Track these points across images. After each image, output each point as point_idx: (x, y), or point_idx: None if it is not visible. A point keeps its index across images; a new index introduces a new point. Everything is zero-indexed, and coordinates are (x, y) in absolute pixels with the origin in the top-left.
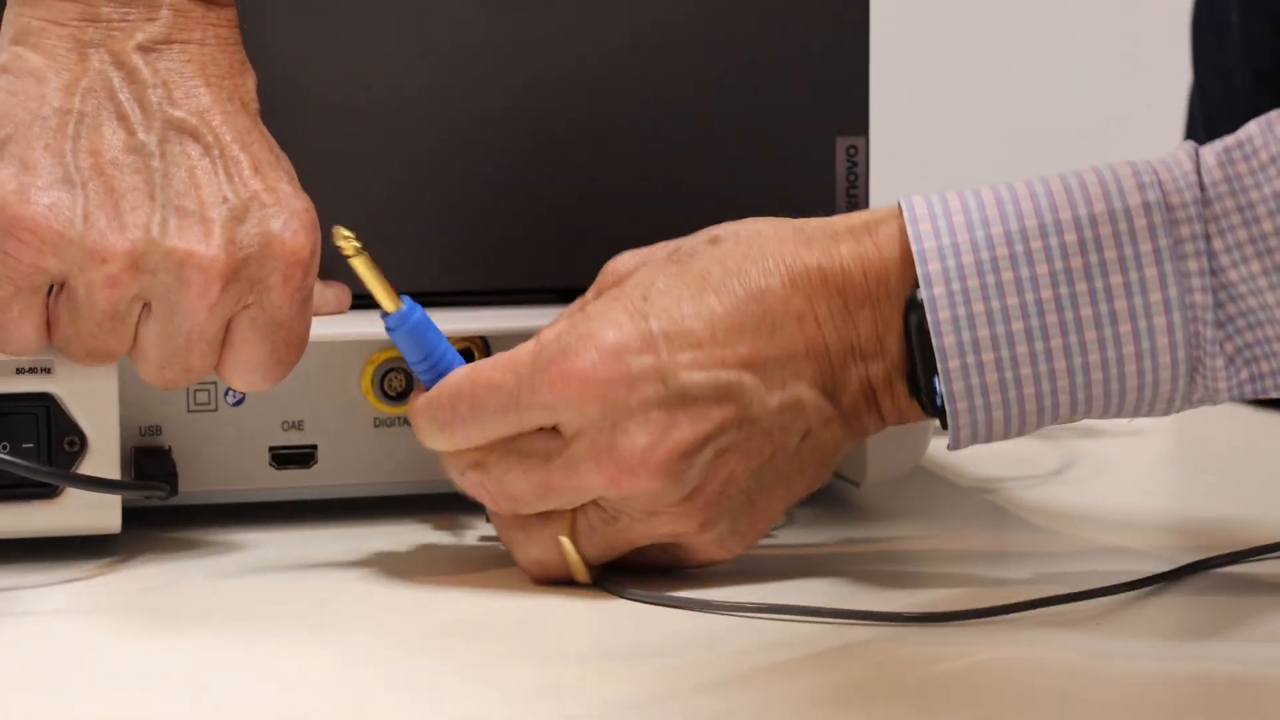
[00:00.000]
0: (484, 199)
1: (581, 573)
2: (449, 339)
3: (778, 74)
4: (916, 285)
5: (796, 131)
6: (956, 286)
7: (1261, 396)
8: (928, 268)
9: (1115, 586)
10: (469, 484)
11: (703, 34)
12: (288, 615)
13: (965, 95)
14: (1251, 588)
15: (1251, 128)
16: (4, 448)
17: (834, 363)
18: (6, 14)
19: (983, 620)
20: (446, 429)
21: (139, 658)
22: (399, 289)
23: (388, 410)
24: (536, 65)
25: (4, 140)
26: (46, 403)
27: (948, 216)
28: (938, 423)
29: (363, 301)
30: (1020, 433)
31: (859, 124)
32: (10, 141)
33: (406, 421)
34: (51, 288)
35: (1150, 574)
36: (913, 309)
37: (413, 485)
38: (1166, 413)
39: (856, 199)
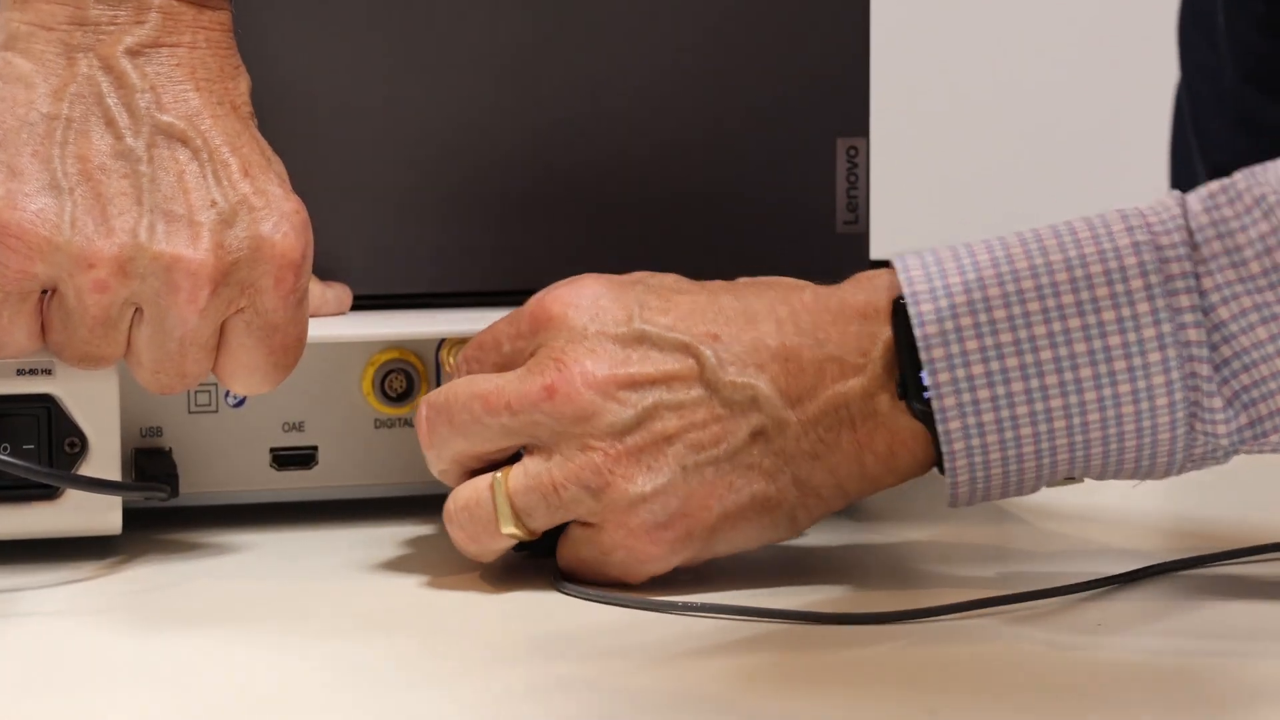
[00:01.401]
0: (483, 200)
1: (508, 516)
2: (446, 340)
3: (778, 75)
4: (900, 297)
5: (797, 132)
6: (950, 325)
7: (1263, 448)
8: (919, 308)
9: (1107, 579)
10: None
11: (703, 35)
12: (289, 616)
13: (965, 96)
14: (1248, 587)
15: (1236, 175)
16: (5, 449)
17: (805, 369)
18: None
19: (970, 614)
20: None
21: (140, 659)
22: (399, 290)
23: (388, 411)
24: (536, 66)
25: None
26: (47, 404)
27: (939, 263)
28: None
29: (363, 302)
30: (1021, 485)
31: (859, 125)
32: None
33: (407, 423)
34: (46, 293)
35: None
36: (899, 314)
37: (413, 486)
38: (1168, 471)
39: (857, 200)
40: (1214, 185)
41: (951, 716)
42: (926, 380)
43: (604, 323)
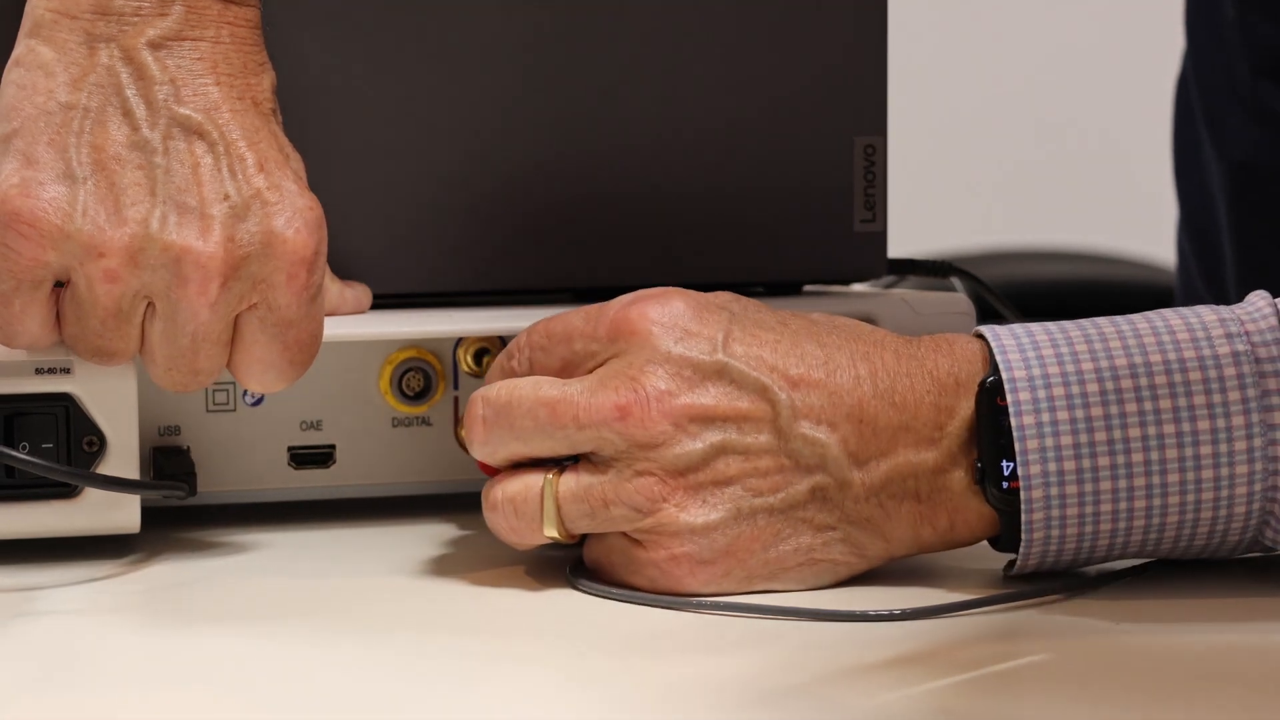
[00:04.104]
0: (502, 200)
1: (553, 520)
2: (464, 340)
3: (795, 74)
4: (990, 377)
5: (814, 131)
6: (1046, 418)
7: None
8: (1017, 396)
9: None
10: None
11: (720, 34)
12: (306, 614)
13: (982, 94)
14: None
15: None
16: (24, 447)
17: (879, 433)
18: (26, 5)
19: (980, 611)
20: (504, 363)
21: (158, 657)
22: (417, 289)
23: (406, 410)
24: (555, 66)
25: (10, 134)
26: (66, 403)
27: (1036, 349)
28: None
29: (381, 301)
30: (1089, 561)
31: (877, 123)
32: (16, 136)
33: (425, 421)
34: (62, 286)
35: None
36: (985, 395)
37: (431, 485)
38: (1230, 557)
39: (874, 199)
40: None
41: (965, 713)
42: (1018, 470)
43: (687, 347)
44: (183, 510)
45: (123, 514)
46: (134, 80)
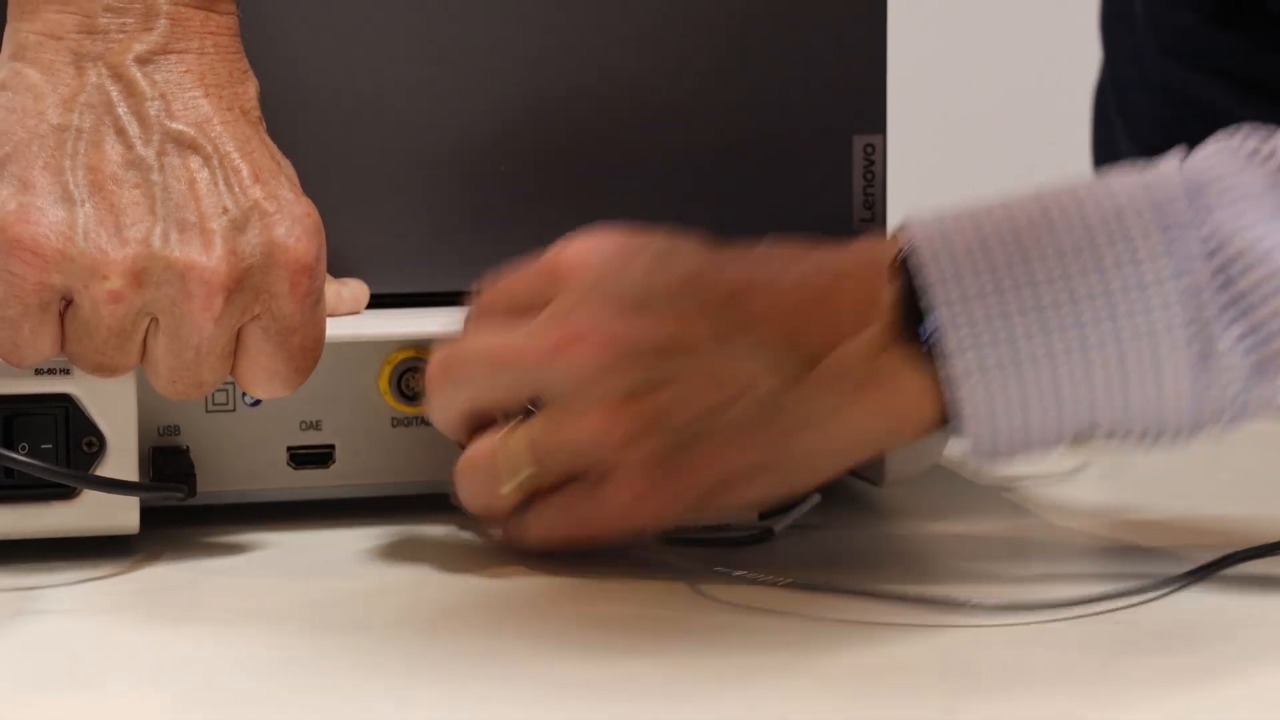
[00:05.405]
0: (500, 198)
1: (514, 470)
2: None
3: (794, 72)
4: (903, 253)
5: (814, 129)
6: (950, 272)
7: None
8: (921, 257)
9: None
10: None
11: (719, 33)
12: (306, 615)
13: (982, 92)
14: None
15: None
16: (23, 448)
17: (815, 332)
18: (6, 29)
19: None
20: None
21: (157, 657)
22: (416, 289)
23: (405, 410)
24: (552, 64)
25: (3, 159)
26: (65, 403)
27: (940, 223)
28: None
29: (380, 301)
30: (1041, 428)
31: (876, 122)
32: (9, 161)
33: (425, 421)
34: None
35: (1173, 574)
36: (902, 271)
37: (431, 484)
38: (1178, 430)
39: (874, 197)
40: (1203, 148)
41: (967, 714)
42: (934, 322)
43: (619, 281)
44: (183, 510)
45: (122, 514)
46: (124, 97)
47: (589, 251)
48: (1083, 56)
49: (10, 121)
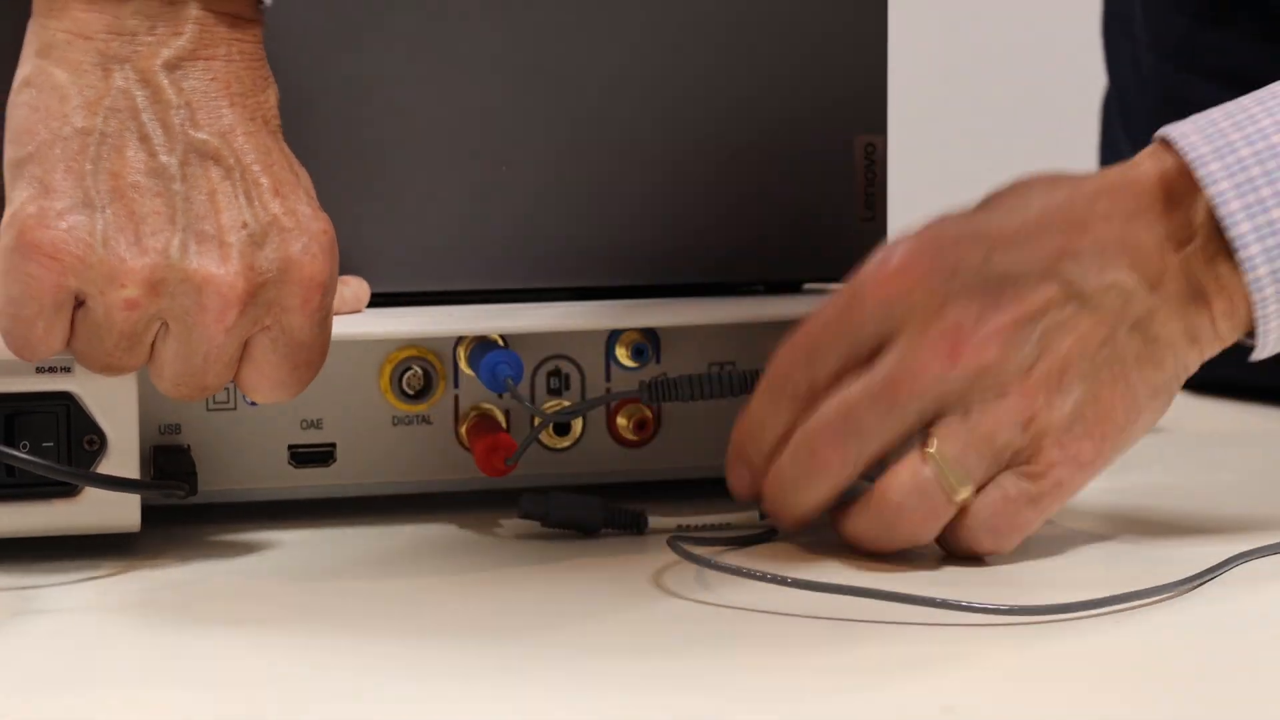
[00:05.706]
0: (501, 198)
1: (960, 481)
2: (464, 338)
3: (795, 72)
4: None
5: (815, 129)
6: (1241, 179)
7: None
8: (1208, 168)
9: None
10: (819, 438)
11: (721, 34)
12: (307, 613)
13: (983, 93)
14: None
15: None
16: (24, 446)
17: (1149, 253)
18: (30, 24)
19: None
20: (779, 389)
21: (158, 655)
22: (417, 287)
23: (406, 408)
24: (555, 63)
25: (25, 159)
26: (66, 402)
27: (1213, 124)
28: None
29: (381, 299)
30: None
31: (877, 122)
32: (31, 161)
33: (425, 420)
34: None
35: (1175, 576)
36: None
37: (431, 483)
38: None
39: (875, 197)
40: None
41: (966, 712)
42: (1237, 228)
43: (962, 277)
44: (183, 509)
45: (123, 513)
46: (150, 104)
47: (908, 263)
48: (1083, 57)
49: (34, 120)
